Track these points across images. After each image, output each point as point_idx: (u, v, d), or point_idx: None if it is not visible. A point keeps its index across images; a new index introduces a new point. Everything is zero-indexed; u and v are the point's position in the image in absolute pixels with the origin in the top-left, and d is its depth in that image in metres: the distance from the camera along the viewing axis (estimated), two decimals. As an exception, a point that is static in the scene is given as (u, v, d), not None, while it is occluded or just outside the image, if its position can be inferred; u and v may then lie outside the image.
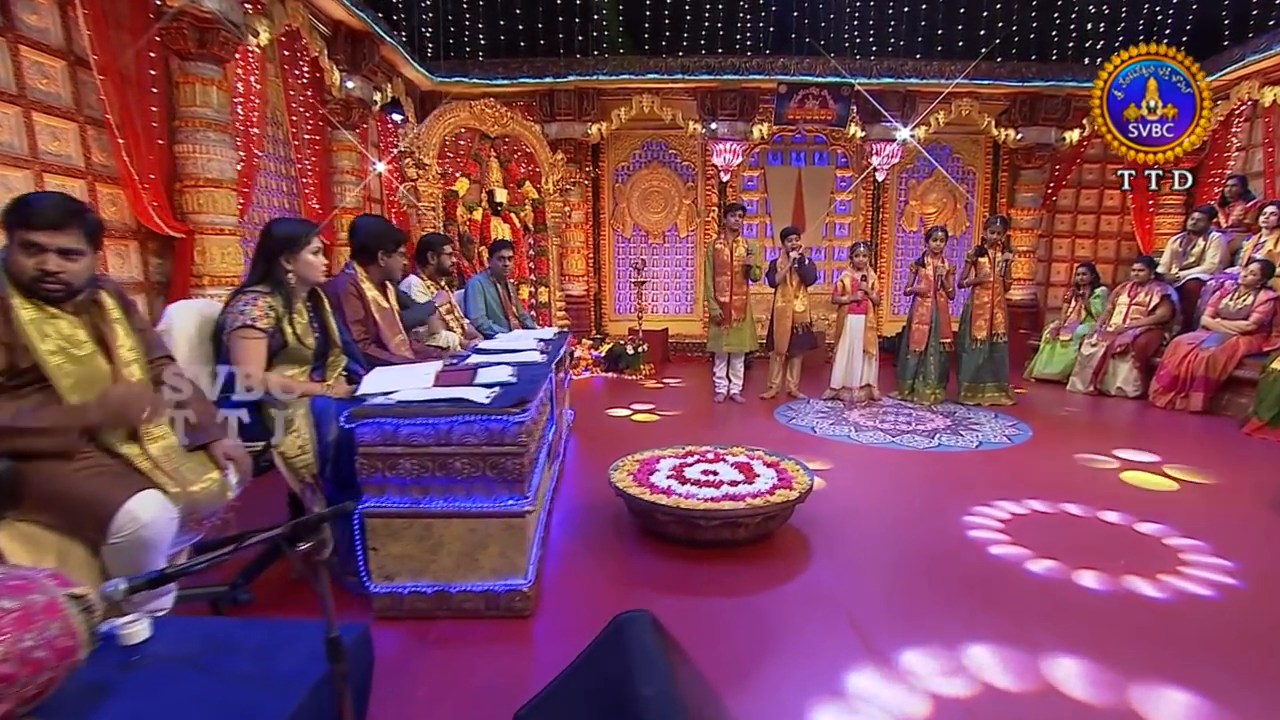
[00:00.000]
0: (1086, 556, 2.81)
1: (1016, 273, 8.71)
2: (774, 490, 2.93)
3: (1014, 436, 4.81)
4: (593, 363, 7.49)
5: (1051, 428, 5.11)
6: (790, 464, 3.28)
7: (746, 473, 3.16)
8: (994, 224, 5.84)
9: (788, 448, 4.32)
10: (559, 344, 4.44)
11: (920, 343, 5.94)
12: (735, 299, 5.83)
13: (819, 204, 8.84)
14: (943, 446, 4.54)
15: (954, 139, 8.76)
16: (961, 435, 4.82)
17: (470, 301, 4.98)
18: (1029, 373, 7.28)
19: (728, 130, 8.18)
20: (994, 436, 4.80)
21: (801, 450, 4.32)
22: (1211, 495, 3.67)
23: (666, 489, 2.97)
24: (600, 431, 5.04)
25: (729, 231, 5.83)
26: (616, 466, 3.29)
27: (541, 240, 7.70)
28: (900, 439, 4.71)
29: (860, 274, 5.91)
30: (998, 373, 5.92)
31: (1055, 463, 4.21)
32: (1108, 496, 3.57)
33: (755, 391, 6.22)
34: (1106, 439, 4.77)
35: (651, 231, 8.93)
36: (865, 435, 4.80)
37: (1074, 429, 5.17)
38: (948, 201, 8.87)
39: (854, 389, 5.96)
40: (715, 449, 3.53)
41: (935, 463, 4.23)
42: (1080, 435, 4.95)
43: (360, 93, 6.48)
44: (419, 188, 6.55)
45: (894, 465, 4.19)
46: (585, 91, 8.13)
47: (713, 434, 4.92)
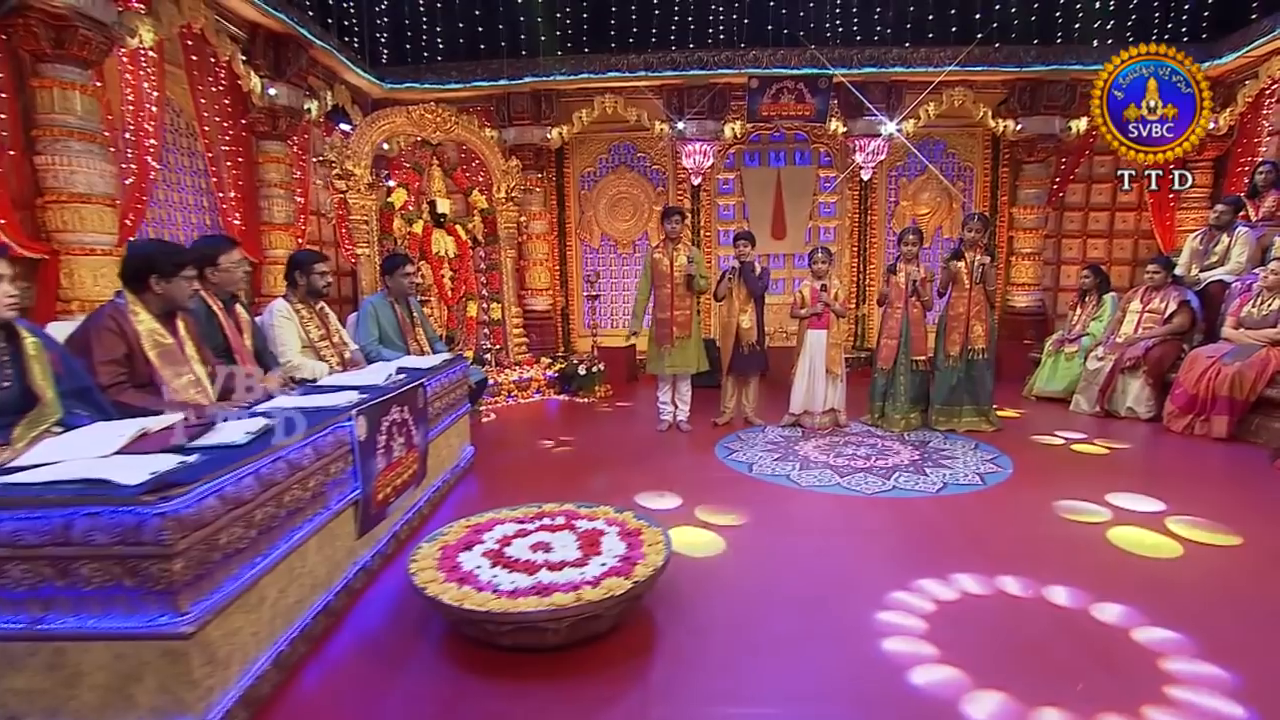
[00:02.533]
0: (1047, 681, 1.97)
1: (1019, 277, 7.75)
2: (602, 579, 2.16)
3: (988, 476, 3.92)
4: (545, 384, 6.78)
5: (1037, 463, 4.20)
6: (652, 534, 2.50)
7: (589, 547, 2.40)
8: (972, 222, 4.94)
9: (711, 491, 3.62)
10: (443, 373, 3.76)
11: (888, 360, 5.06)
12: (677, 314, 5.05)
13: (801, 206, 7.99)
14: (897, 490, 3.69)
15: (948, 132, 7.82)
16: (926, 474, 3.95)
17: (360, 325, 4.33)
18: (1029, 390, 6.31)
19: (697, 130, 7.40)
20: (964, 475, 3.92)
21: (725, 495, 3.57)
22: (1228, 564, 2.75)
23: (469, 574, 2.23)
24: (508, 470, 4.32)
25: (668, 239, 5.07)
26: (434, 537, 2.56)
27: (493, 253, 7.03)
28: (850, 479, 3.87)
29: (821, 283, 5.07)
30: (976, 394, 5.01)
31: (1029, 515, 3.33)
32: (1085, 569, 2.69)
33: (709, 416, 5.43)
34: (1102, 478, 3.85)
35: (620, 240, 8.18)
36: (809, 475, 3.97)
37: (1064, 464, 4.24)
38: (942, 201, 7.92)
39: (816, 414, 5.11)
40: (574, 509, 2.78)
41: (880, 514, 3.39)
42: (1070, 473, 4.03)
43: (288, 100, 5.90)
44: (348, 200, 5.95)
45: (826, 519, 3.36)
46: (542, 93, 7.45)
47: (635, 472, 4.15)
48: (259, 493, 1.92)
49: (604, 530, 2.54)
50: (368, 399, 2.72)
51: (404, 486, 3.06)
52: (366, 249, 6.01)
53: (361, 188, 5.92)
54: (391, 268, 4.44)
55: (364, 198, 5.97)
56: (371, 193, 6.02)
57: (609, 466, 4.31)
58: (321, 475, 2.31)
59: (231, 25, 5.39)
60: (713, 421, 5.33)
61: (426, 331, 4.69)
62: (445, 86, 7.40)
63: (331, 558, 2.39)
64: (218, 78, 5.41)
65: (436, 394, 3.67)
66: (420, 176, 6.55)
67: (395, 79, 7.37)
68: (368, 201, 6.01)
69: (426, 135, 6.42)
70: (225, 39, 5.22)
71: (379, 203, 6.18)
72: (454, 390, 3.97)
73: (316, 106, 6.27)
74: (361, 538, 2.63)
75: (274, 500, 2.01)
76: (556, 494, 3.65)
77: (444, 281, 6.61)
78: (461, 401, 4.15)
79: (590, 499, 3.49)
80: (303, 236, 6.52)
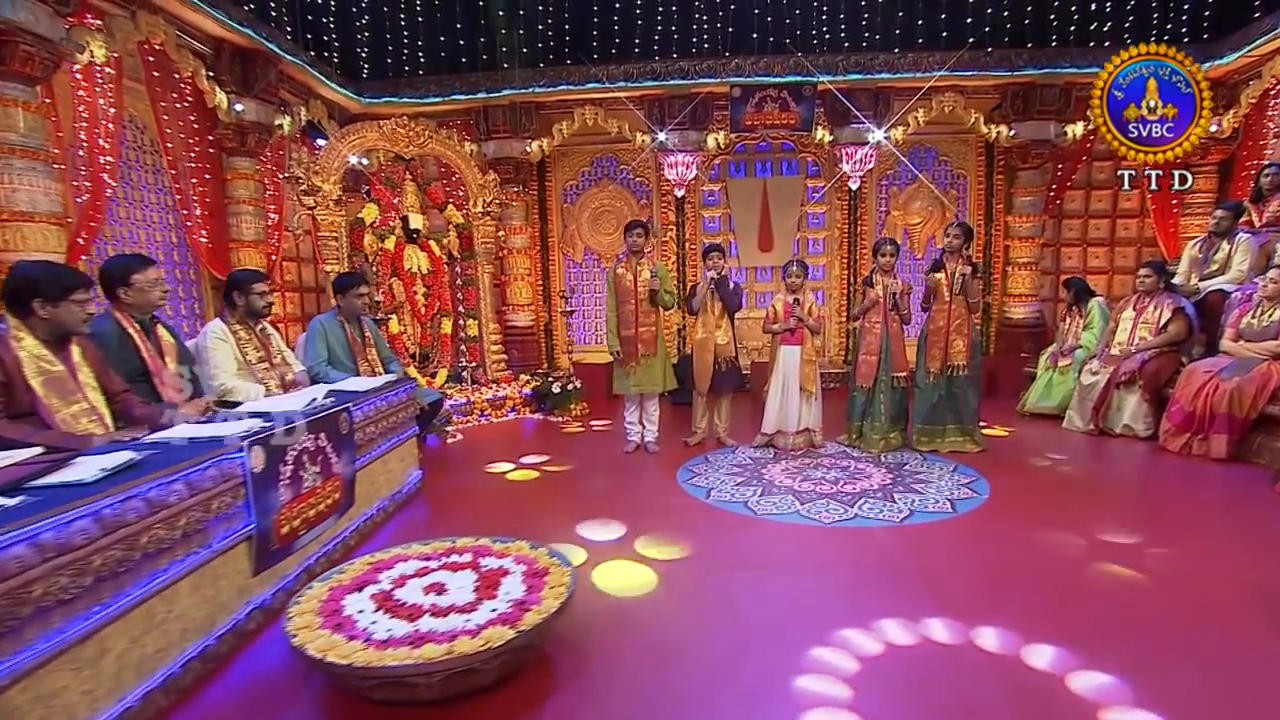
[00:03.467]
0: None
1: (1016, 288, 7.48)
2: (486, 627, 1.97)
3: (961, 503, 3.67)
4: (521, 402, 6.61)
5: (1017, 488, 3.94)
6: (559, 575, 2.30)
7: (486, 589, 2.21)
8: (952, 230, 4.71)
9: (661, 520, 3.46)
10: (380, 396, 3.60)
11: (867, 378, 4.83)
12: (641, 331, 4.87)
13: (788, 217, 7.78)
14: (859, 519, 3.45)
15: (939, 139, 7.60)
16: (894, 500, 3.72)
17: (308, 346, 4.19)
18: (1022, 406, 6.03)
19: (679, 141, 7.24)
20: (934, 502, 3.68)
21: (673, 525, 3.39)
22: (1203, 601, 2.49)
23: (346, 620, 2.05)
24: (457, 495, 4.15)
25: (631, 253, 4.90)
26: (328, 576, 2.38)
27: (470, 269, 6.91)
28: (811, 506, 3.64)
29: (794, 297, 4.87)
30: (959, 412, 4.75)
31: (995, 548, 3.08)
32: (1048, 612, 2.45)
33: (681, 435, 5.22)
34: (1085, 504, 3.59)
35: (604, 254, 8.02)
36: (769, 502, 3.75)
37: (1046, 489, 3.97)
38: (934, 210, 7.67)
39: (790, 434, 4.89)
40: (488, 544, 2.60)
41: (834, 546, 3.16)
42: (1051, 499, 3.76)
43: (257, 116, 5.82)
44: (317, 216, 5.85)
45: (773, 552, 3.13)
46: (521, 106, 7.34)
47: (587, 497, 3.97)
48: (98, 537, 1.75)
49: (509, 570, 2.35)
50: (269, 427, 2.56)
51: (320, 517, 2.89)
52: (336, 265, 5.90)
53: (330, 203, 5.83)
54: (345, 287, 4.31)
55: (333, 213, 5.88)
56: (340, 208, 5.92)
57: (562, 492, 4.12)
58: (200, 511, 2.15)
59: (195, 41, 5.32)
60: (684, 442, 5.12)
61: (380, 351, 4.55)
62: (424, 100, 7.32)
63: (214, 599, 2.22)
64: (182, 94, 5.34)
65: (371, 418, 3.51)
66: (393, 192, 6.46)
67: (373, 93, 7.30)
68: (336, 217, 5.91)
69: (400, 150, 6.34)
70: (187, 55, 5.15)
71: (349, 218, 6.09)
72: (395, 413, 3.81)
73: (289, 122, 6.19)
74: (259, 575, 2.46)
75: (124, 543, 1.84)
76: (500, 521, 3.55)
77: (417, 298, 6.50)
78: (406, 424, 3.99)
79: (532, 528, 3.37)
80: (276, 253, 6.43)
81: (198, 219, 5.45)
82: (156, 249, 5.46)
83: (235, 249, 5.84)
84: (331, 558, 3.00)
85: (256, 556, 2.44)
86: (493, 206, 6.78)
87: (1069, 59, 6.75)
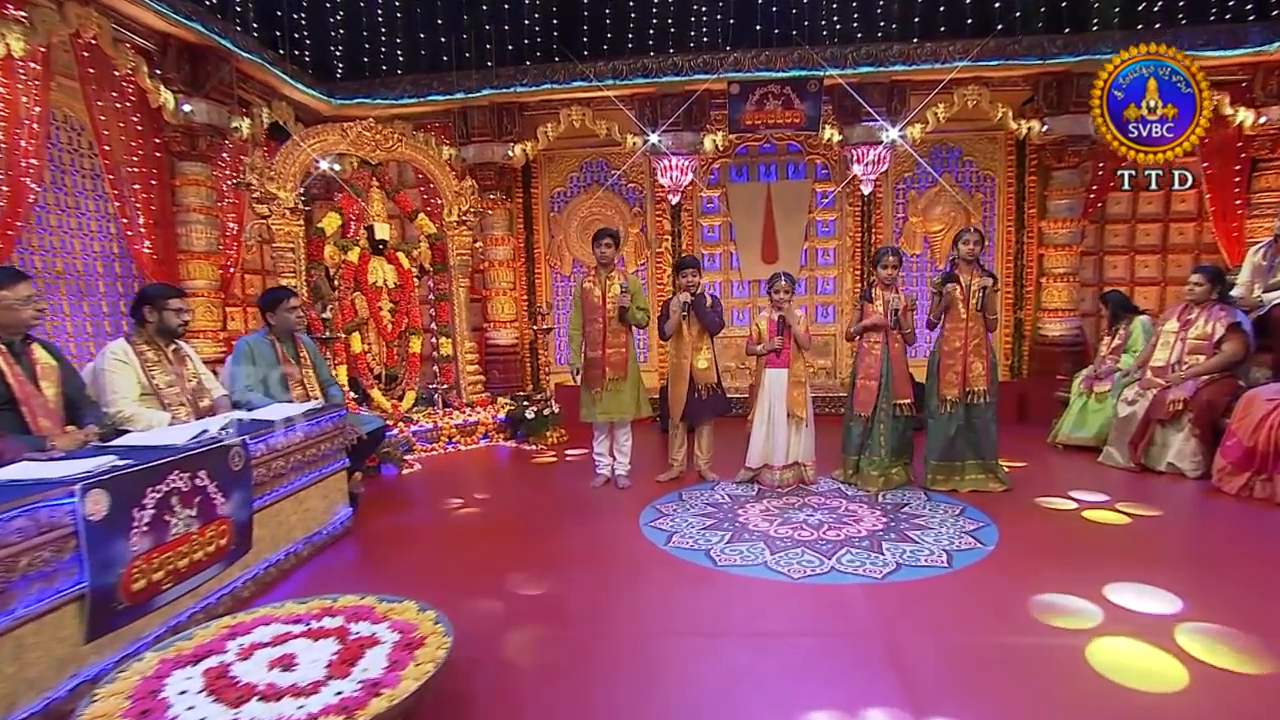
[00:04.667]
0: None
1: (1051, 300, 7.06)
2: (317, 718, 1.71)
3: (959, 555, 3.32)
4: (494, 428, 6.38)
5: (1030, 537, 3.57)
6: (433, 647, 2.03)
7: (343, 664, 1.95)
8: (965, 236, 4.38)
9: (605, 572, 3.23)
10: (294, 426, 3.40)
11: (866, 405, 4.50)
12: (610, 353, 4.62)
13: (794, 225, 7.49)
14: (834, 574, 3.12)
15: (963, 138, 7.27)
16: (883, 551, 3.38)
17: (232, 368, 4.03)
18: (1054, 436, 5.62)
19: (673, 143, 7.02)
20: (928, 554, 3.33)
21: (618, 577, 3.18)
22: (1247, 702, 2.13)
23: (157, 705, 1.81)
24: (392, 536, 3.91)
25: (600, 265, 4.67)
26: (168, 645, 2.15)
27: (443, 283, 6.74)
28: (782, 557, 3.32)
29: (779, 314, 4.57)
30: (980, 446, 4.39)
31: (989, 616, 2.73)
32: (1036, 710, 2.10)
33: (658, 468, 4.94)
34: (1111, 559, 3.21)
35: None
36: (735, 551, 3.44)
37: (1066, 539, 3.58)
38: (957, 216, 7.31)
39: (776, 469, 4.56)
40: (372, 604, 2.34)
41: (794, 608, 2.83)
42: (1069, 552, 3.38)
43: (209, 118, 5.74)
44: (271, 226, 5.73)
45: (719, 615, 2.81)
46: (503, 107, 7.21)
47: (531, 543, 3.71)
48: None
49: (380, 640, 2.09)
50: (120, 468, 2.35)
51: (195, 568, 2.67)
52: (293, 279, 5.76)
53: (285, 212, 5.70)
54: (273, 303, 4.15)
55: (289, 223, 5.75)
56: (298, 217, 5.79)
57: (507, 534, 3.86)
58: (1, 571, 1.93)
59: (137, 35, 5.26)
60: (656, 479, 4.83)
61: (320, 373, 4.37)
62: (398, 102, 7.23)
63: (18, 675, 2.00)
64: (123, 92, 5.27)
65: (281, 451, 3.30)
66: (359, 199, 6.33)
67: (345, 94, 7.23)
68: (293, 227, 5.78)
69: (366, 155, 6.21)
70: (126, 50, 5.07)
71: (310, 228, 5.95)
72: (316, 445, 3.60)
73: (249, 125, 6.10)
74: (94, 641, 2.24)
75: None
76: (426, 569, 3.41)
77: (382, 314, 6.34)
78: (331, 457, 3.77)
79: (457, 578, 3.15)
80: (235, 265, 6.34)
81: (140, 228, 5.36)
82: (94, 260, 5.39)
83: (185, 261, 5.74)
84: (214, 612, 2.77)
85: (91, 619, 2.21)
86: (469, 216, 6.62)
87: (1110, 44, 6.37)
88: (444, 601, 2.32)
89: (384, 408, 6.17)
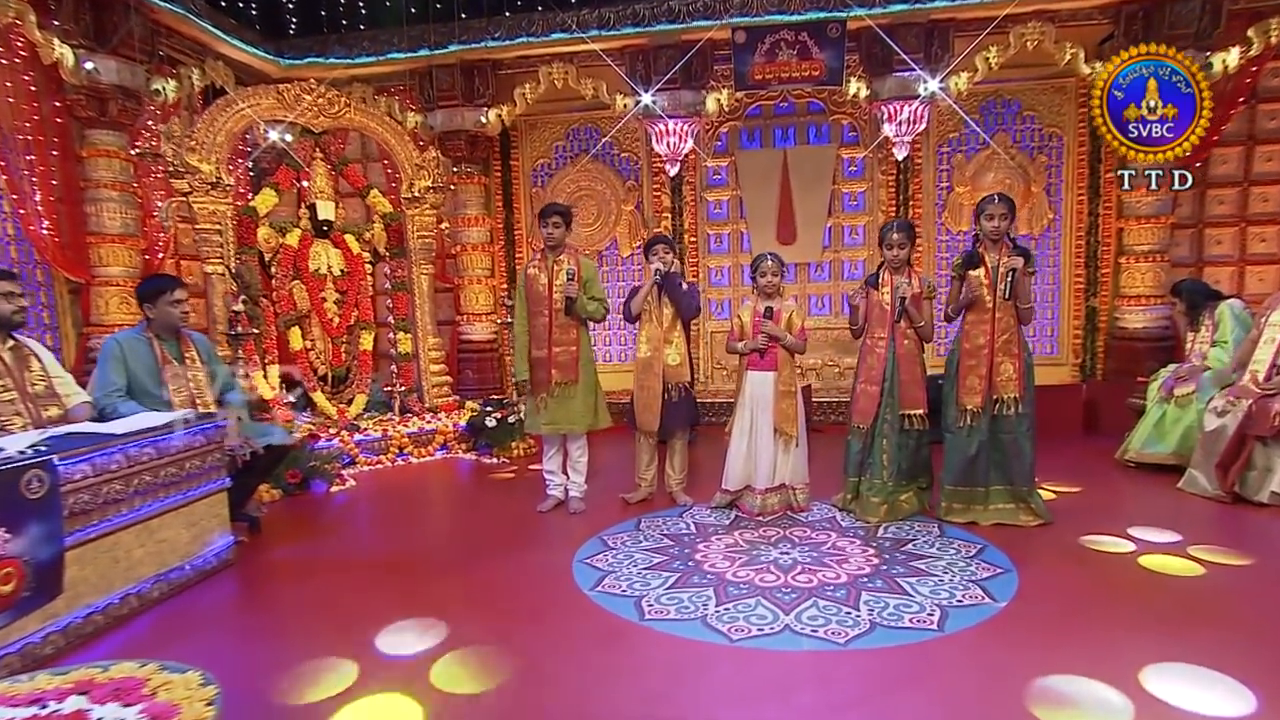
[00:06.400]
0: None
1: (1132, 284, 6.40)
2: None
3: (959, 612, 2.83)
4: (455, 438, 6.08)
5: (1058, 590, 3.04)
6: None
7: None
8: (990, 206, 3.84)
9: (504, 624, 2.90)
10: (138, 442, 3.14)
11: (866, 415, 4.01)
12: (557, 352, 4.26)
13: (816, 199, 7.00)
14: (785, 635, 2.68)
15: (1022, 88, 6.65)
16: (859, 605, 2.91)
17: (98, 370, 3.78)
18: (1123, 451, 5.01)
19: (669, 104, 6.60)
20: (916, 611, 2.83)
21: (520, 633, 2.81)
22: None
23: None
24: (287, 569, 3.68)
25: (546, 248, 4.31)
26: None
27: (399, 270, 6.48)
28: (728, 610, 2.88)
29: (767, 305, 4.12)
30: (1009, 468, 3.85)
31: (963, 711, 2.26)
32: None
33: (623, 487, 4.57)
34: (1163, 630, 2.67)
35: (582, 250, 7.44)
36: (673, 600, 3.02)
37: (1109, 595, 3.01)
38: (1015, 184, 6.68)
39: (759, 491, 4.12)
40: (142, 675, 2.02)
41: (715, 685, 2.39)
42: (1105, 614, 2.84)
43: (119, 78, 5.50)
44: (192, 204, 5.53)
45: (617, 691, 2.41)
46: (474, 65, 6.91)
47: (436, 581, 3.39)
48: None
49: None
50: None
51: (-35, 618, 2.40)
52: (218, 265, 5.57)
53: (208, 188, 5.50)
54: (151, 293, 3.89)
55: (215, 201, 5.55)
56: (224, 194, 5.58)
57: (415, 571, 3.53)
58: None
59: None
60: (622, 497, 4.45)
61: (217, 376, 4.09)
62: (355, 61, 6.99)
63: None
64: (11, 47, 5.08)
65: (119, 472, 3.02)
66: (297, 174, 6.11)
67: (296, 53, 7.02)
68: (219, 206, 5.58)
69: (308, 122, 5.98)
70: (5, -2, 4.86)
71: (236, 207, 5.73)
72: (177, 462, 3.32)
73: (174, 87, 5.91)
74: None
75: None
76: (301, 613, 3.20)
77: (326, 306, 6.10)
78: (203, 476, 3.49)
79: (328, 630, 2.93)
80: (165, 250, 6.19)
81: (36, 206, 5.20)
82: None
83: (95, 244, 5.57)
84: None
85: None
86: (428, 194, 6.34)
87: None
88: (282, 664, 2.04)
89: (329, 413, 5.94)
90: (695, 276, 7.22)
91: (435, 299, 6.75)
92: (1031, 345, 4.05)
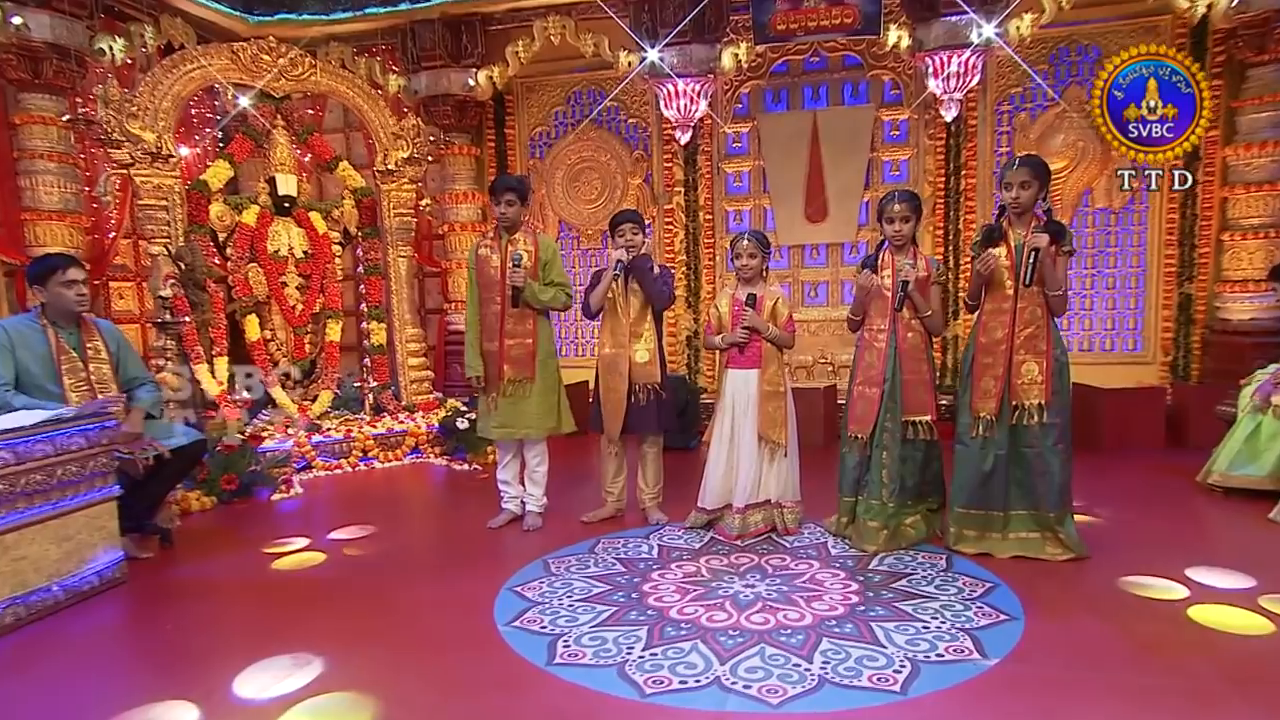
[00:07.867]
0: None
1: (1237, 266, 5.90)
2: None
3: (934, 669, 2.52)
4: (427, 440, 5.98)
5: (1068, 646, 2.69)
6: None
7: None
8: (1012, 172, 3.46)
9: (384, 666, 2.75)
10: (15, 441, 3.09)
11: (863, 423, 3.71)
12: (510, 345, 4.11)
13: (851, 169, 6.67)
14: (710, 692, 2.42)
15: (1099, 32, 6.25)
16: (814, 654, 2.64)
17: (-11, 360, 3.76)
18: (1206, 473, 4.57)
19: (679, 61, 6.36)
20: (883, 667, 2.55)
21: (399, 678, 2.67)
22: None
23: None
24: (186, 589, 3.59)
25: (500, 227, 4.15)
26: None
27: (373, 252, 6.41)
28: (655, 659, 2.66)
29: (748, 293, 3.85)
30: (1033, 488, 3.49)
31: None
32: None
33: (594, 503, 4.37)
34: (1192, 707, 2.34)
35: (584, 230, 7.29)
36: (590, 644, 2.79)
37: (1130, 656, 2.64)
38: (1088, 146, 6.23)
39: (739, 510, 3.86)
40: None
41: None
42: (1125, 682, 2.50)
43: (54, 35, 5.53)
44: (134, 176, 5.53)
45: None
46: (460, 20, 6.80)
47: (346, 604, 3.29)
48: None
49: None
50: None
51: None
52: (165, 244, 5.57)
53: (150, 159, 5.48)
54: (42, 274, 3.82)
55: (159, 174, 5.56)
56: (170, 166, 5.57)
57: (317, 600, 3.40)
58: None
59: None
60: (581, 520, 4.26)
61: (125, 366, 4.04)
62: (330, 18, 6.95)
63: None
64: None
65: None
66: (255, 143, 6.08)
67: (266, 9, 7.01)
68: (165, 179, 5.58)
69: (268, 86, 5.95)
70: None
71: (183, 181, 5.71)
72: (43, 470, 3.24)
73: (122, 46, 5.94)
74: None
75: None
76: (177, 641, 3.03)
77: (287, 292, 6.05)
78: (83, 484, 3.42)
79: (201, 658, 2.87)
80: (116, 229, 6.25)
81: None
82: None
83: (30, 221, 5.64)
84: None
85: None
86: (405, 167, 6.25)
87: None
88: (105, 709, 1.90)
89: (290, 411, 5.91)
90: (710, 259, 6.95)
91: (418, 285, 6.67)
92: (1065, 340, 3.67)
